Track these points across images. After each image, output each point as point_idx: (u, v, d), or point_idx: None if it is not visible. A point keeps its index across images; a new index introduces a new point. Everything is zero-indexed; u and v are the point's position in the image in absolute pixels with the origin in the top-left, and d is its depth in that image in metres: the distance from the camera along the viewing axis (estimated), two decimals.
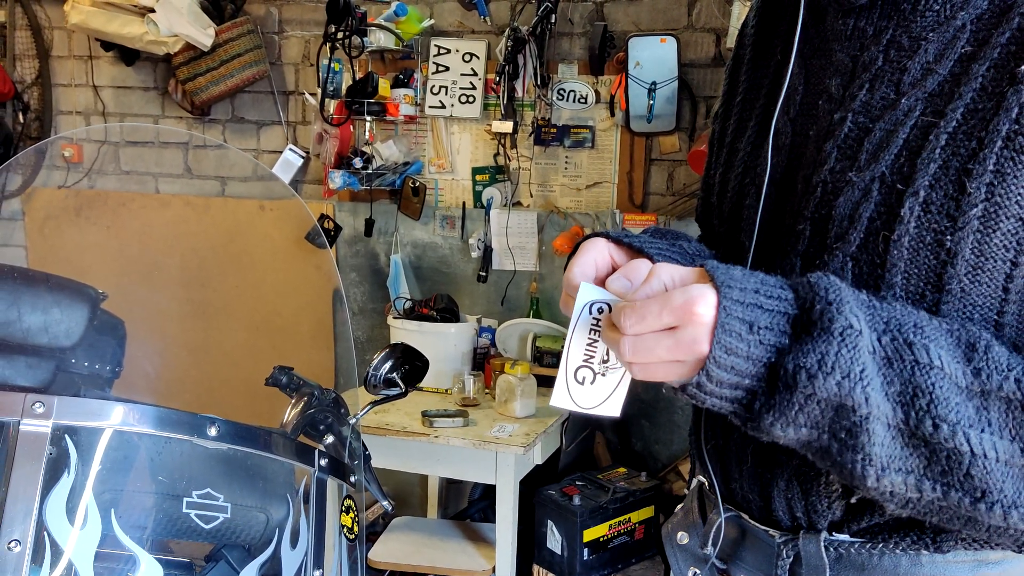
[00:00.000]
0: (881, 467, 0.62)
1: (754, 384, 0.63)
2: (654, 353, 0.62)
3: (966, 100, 0.68)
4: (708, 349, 0.61)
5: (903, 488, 0.63)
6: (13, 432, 0.81)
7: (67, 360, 1.24)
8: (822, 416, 0.62)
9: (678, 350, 0.62)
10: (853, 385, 0.60)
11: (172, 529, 0.94)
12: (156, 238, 3.40)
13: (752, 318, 0.62)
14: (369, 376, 1.36)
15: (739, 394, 0.63)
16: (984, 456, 0.61)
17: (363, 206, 3.22)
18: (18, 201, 3.59)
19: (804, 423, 0.62)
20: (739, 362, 0.61)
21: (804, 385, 0.60)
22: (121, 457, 0.87)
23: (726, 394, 0.63)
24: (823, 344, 0.60)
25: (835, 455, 0.63)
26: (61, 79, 3.53)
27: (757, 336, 0.62)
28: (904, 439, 0.62)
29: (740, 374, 0.62)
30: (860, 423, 0.61)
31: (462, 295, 3.11)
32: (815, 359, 0.60)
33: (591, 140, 2.96)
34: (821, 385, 0.60)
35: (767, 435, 0.64)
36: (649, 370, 0.64)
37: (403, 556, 2.56)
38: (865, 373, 0.60)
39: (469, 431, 2.44)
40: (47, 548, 0.80)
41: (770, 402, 0.62)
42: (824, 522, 0.78)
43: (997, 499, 0.62)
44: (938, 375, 0.61)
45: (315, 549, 1.05)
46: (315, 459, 1.07)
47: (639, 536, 2.57)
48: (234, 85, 3.18)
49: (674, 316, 0.61)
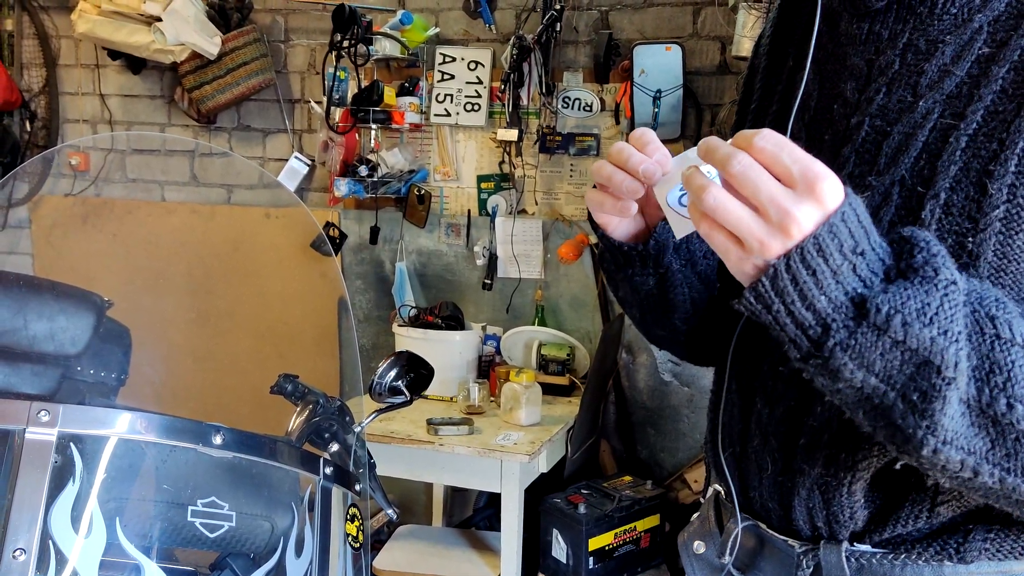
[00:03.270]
0: (943, 440, 0.58)
1: (829, 313, 0.57)
2: (753, 187, 0.56)
3: (986, 102, 0.67)
4: (802, 237, 0.56)
5: (957, 467, 0.60)
6: (18, 440, 0.81)
7: (73, 368, 1.24)
8: (901, 369, 0.57)
9: (774, 210, 0.56)
10: (948, 344, 0.55)
11: (177, 538, 0.93)
12: (162, 246, 3.41)
13: (859, 239, 0.57)
14: (374, 384, 1.35)
15: (808, 318, 0.58)
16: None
17: (368, 214, 3.22)
18: (25, 209, 3.60)
19: (879, 372, 0.57)
20: (827, 276, 0.56)
21: (896, 331, 0.55)
22: (126, 465, 0.87)
23: (796, 310, 0.57)
24: (925, 293, 0.56)
25: (897, 416, 0.58)
26: (68, 87, 3.54)
27: (856, 259, 0.57)
28: (972, 417, 0.58)
29: (822, 290, 0.56)
30: (940, 387, 0.56)
31: (467, 303, 3.11)
32: (915, 306, 0.55)
33: (596, 148, 2.96)
34: (915, 335, 0.55)
35: (824, 376, 0.59)
36: (721, 212, 0.57)
37: (408, 565, 2.56)
38: (961, 335, 0.56)
39: (474, 439, 2.43)
40: (52, 557, 0.79)
41: (850, 340, 0.57)
42: (845, 532, 0.77)
43: None
44: (1019, 353, 0.57)
45: (320, 558, 1.04)
46: (320, 467, 1.07)
47: (645, 545, 2.55)
48: (240, 93, 3.19)
49: (799, 171, 0.56)
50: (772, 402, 0.80)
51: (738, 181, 0.57)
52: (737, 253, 0.59)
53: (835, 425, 0.74)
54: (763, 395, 0.81)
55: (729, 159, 0.58)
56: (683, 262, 0.83)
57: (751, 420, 0.82)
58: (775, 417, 0.79)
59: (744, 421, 0.83)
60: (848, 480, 0.74)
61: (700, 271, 0.86)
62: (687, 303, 0.87)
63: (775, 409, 0.79)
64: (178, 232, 3.43)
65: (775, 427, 0.79)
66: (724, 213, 0.58)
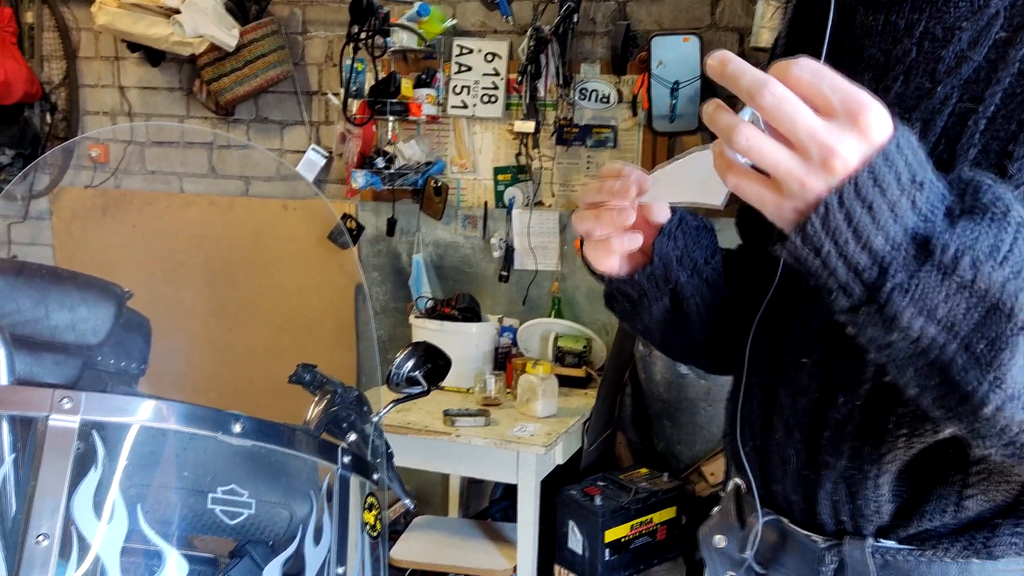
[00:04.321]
0: (1010, 395, 0.53)
1: (888, 252, 0.51)
2: (790, 121, 0.51)
3: (1004, 84, 0.66)
4: (846, 175, 0.50)
5: (1017, 428, 0.55)
6: (41, 427, 0.82)
7: (93, 358, 1.25)
8: (967, 316, 0.52)
9: (815, 147, 0.51)
10: (1022, 287, 0.50)
11: (197, 525, 0.94)
12: (181, 237, 3.43)
13: (917, 171, 0.51)
14: (392, 374, 1.36)
15: (863, 259, 0.52)
16: None
17: (385, 206, 3.23)
18: (46, 200, 3.64)
19: (941, 319, 0.52)
20: (884, 212, 0.51)
21: (964, 271, 0.51)
22: (147, 452, 0.88)
23: (850, 251, 0.52)
24: (997, 232, 0.51)
25: (956, 371, 0.53)
26: (88, 80, 3.57)
27: (915, 192, 0.51)
28: None
29: (879, 227, 0.51)
30: (1010, 335, 0.51)
31: (484, 295, 3.11)
32: (986, 245, 0.50)
33: (613, 140, 2.95)
34: (986, 276, 0.51)
35: (877, 326, 0.54)
36: (756, 152, 0.52)
37: (424, 555, 2.57)
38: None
39: (491, 430, 2.44)
40: (75, 542, 0.80)
41: (911, 283, 0.51)
42: (871, 527, 0.75)
43: None
44: None
45: (338, 546, 1.05)
46: (338, 456, 1.07)
47: (661, 537, 2.55)
48: (258, 85, 3.20)
49: (840, 101, 0.51)
50: (795, 394, 0.79)
51: (772, 114, 0.52)
52: (774, 199, 0.54)
53: (859, 417, 0.73)
54: (786, 387, 0.80)
55: (761, 89, 0.52)
56: (689, 272, 0.83)
57: (773, 413, 0.81)
58: (798, 409, 0.78)
59: (766, 414, 0.82)
60: (874, 473, 0.73)
61: (707, 278, 0.85)
62: (702, 312, 0.86)
63: (798, 401, 0.78)
64: (197, 224, 3.45)
65: (798, 420, 0.78)
66: (759, 153, 0.52)
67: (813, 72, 0.52)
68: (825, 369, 0.75)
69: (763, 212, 0.55)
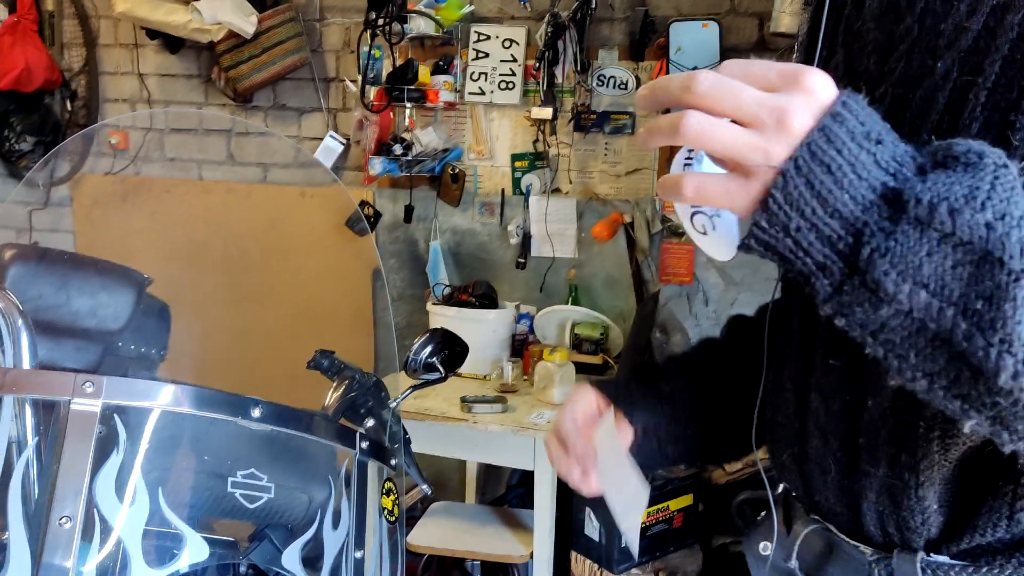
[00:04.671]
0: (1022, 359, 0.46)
1: (859, 216, 0.48)
2: (732, 95, 0.48)
3: (1003, 52, 0.61)
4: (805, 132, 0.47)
5: None
6: (64, 411, 0.83)
7: (114, 343, 1.27)
8: (955, 272, 0.47)
9: (765, 110, 0.48)
10: (1008, 229, 0.46)
11: (217, 508, 0.95)
12: (199, 224, 3.45)
13: (872, 126, 0.49)
14: (409, 360, 1.36)
15: (835, 227, 0.48)
16: None
17: (403, 193, 3.23)
18: (67, 187, 3.66)
19: (928, 279, 0.47)
20: (845, 170, 0.47)
21: (943, 221, 0.46)
22: (168, 436, 0.89)
23: (819, 219, 0.48)
24: (972, 176, 0.47)
25: (960, 340, 0.47)
26: (107, 67, 3.59)
27: (875, 147, 0.48)
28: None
29: (843, 187, 0.47)
30: (1007, 285, 0.46)
31: (501, 282, 3.11)
32: (962, 191, 0.46)
33: (631, 126, 2.93)
34: (966, 223, 0.46)
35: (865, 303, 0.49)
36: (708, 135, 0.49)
37: (441, 541, 2.58)
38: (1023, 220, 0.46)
39: (508, 417, 2.44)
40: (97, 525, 0.81)
41: (888, 243, 0.47)
42: (919, 540, 0.71)
43: None
44: None
45: (356, 530, 1.06)
46: (356, 442, 1.08)
47: (678, 524, 2.55)
48: (276, 72, 3.21)
49: (776, 72, 0.49)
50: (827, 397, 0.75)
51: (712, 95, 0.49)
52: (739, 185, 0.50)
53: (891, 420, 0.69)
54: (817, 391, 0.76)
55: (693, 78, 0.49)
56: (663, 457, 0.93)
57: (807, 419, 0.77)
58: (832, 414, 0.74)
59: (800, 420, 0.78)
60: (914, 483, 0.69)
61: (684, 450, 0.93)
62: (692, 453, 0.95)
63: (831, 405, 0.74)
64: (215, 211, 3.47)
65: (833, 425, 0.74)
66: (712, 135, 0.49)
67: (742, 63, 0.50)
68: (852, 371, 0.71)
69: (733, 209, 0.52)
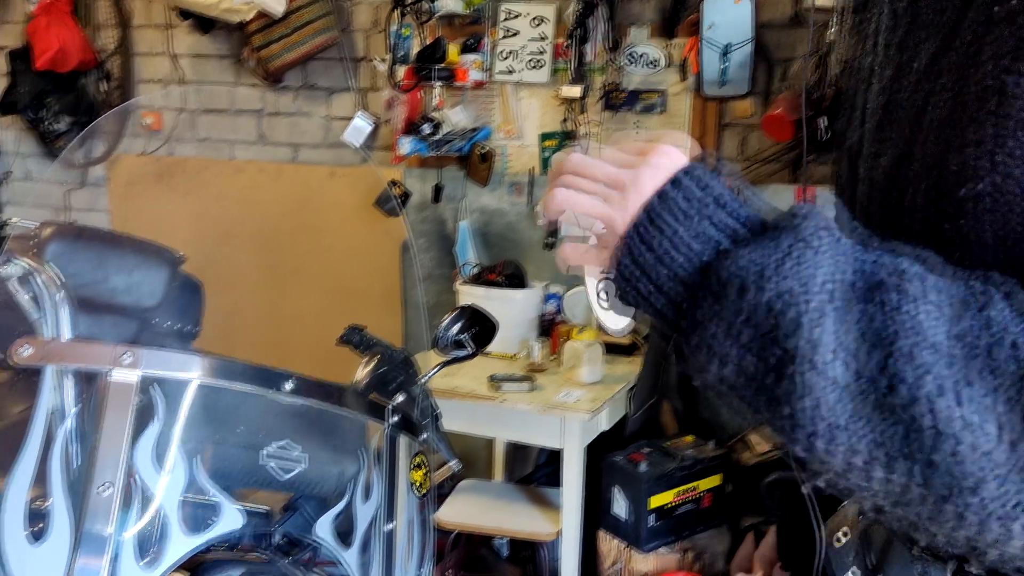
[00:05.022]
0: (832, 425, 0.47)
1: (696, 279, 0.51)
2: (590, 170, 0.56)
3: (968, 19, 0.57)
4: (644, 202, 0.53)
5: (852, 462, 0.48)
6: (103, 382, 0.85)
7: (149, 320, 1.29)
8: (748, 347, 0.49)
9: (613, 182, 0.55)
10: (785, 307, 0.47)
11: (251, 479, 0.97)
12: (231, 203, 3.49)
13: (713, 191, 0.52)
14: (439, 337, 1.37)
15: (677, 289, 0.52)
16: (969, 435, 0.45)
17: (431, 172, 3.23)
18: (102, 167, 3.72)
19: (728, 350, 0.50)
20: (682, 231, 0.51)
21: (732, 298, 0.49)
22: (203, 408, 0.90)
23: (663, 278, 0.52)
24: (786, 241, 0.49)
25: (764, 413, 0.51)
26: (141, 48, 3.62)
27: (715, 212, 0.52)
28: (860, 401, 0.47)
29: (681, 250, 0.51)
30: (784, 364, 0.48)
31: (529, 262, 3.11)
32: (776, 257, 0.48)
33: (662, 105, 2.91)
34: (750, 300, 0.48)
35: (704, 363, 0.51)
36: (569, 201, 0.58)
37: (470, 517, 2.61)
38: (810, 303, 0.47)
39: (536, 396, 2.45)
40: (136, 492, 0.83)
41: (714, 308, 0.50)
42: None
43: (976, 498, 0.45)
44: (910, 324, 0.46)
45: (387, 503, 1.07)
46: (386, 416, 1.09)
47: (706, 504, 2.55)
48: (306, 52, 3.22)
49: (630, 150, 0.56)
50: None
51: (578, 169, 0.57)
52: (605, 254, 0.57)
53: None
54: None
55: (566, 160, 0.58)
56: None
57: None
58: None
59: None
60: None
61: None
62: None
63: None
64: (247, 190, 3.50)
65: None
66: (574, 204, 0.57)
67: (613, 148, 0.57)
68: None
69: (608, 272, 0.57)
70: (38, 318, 0.89)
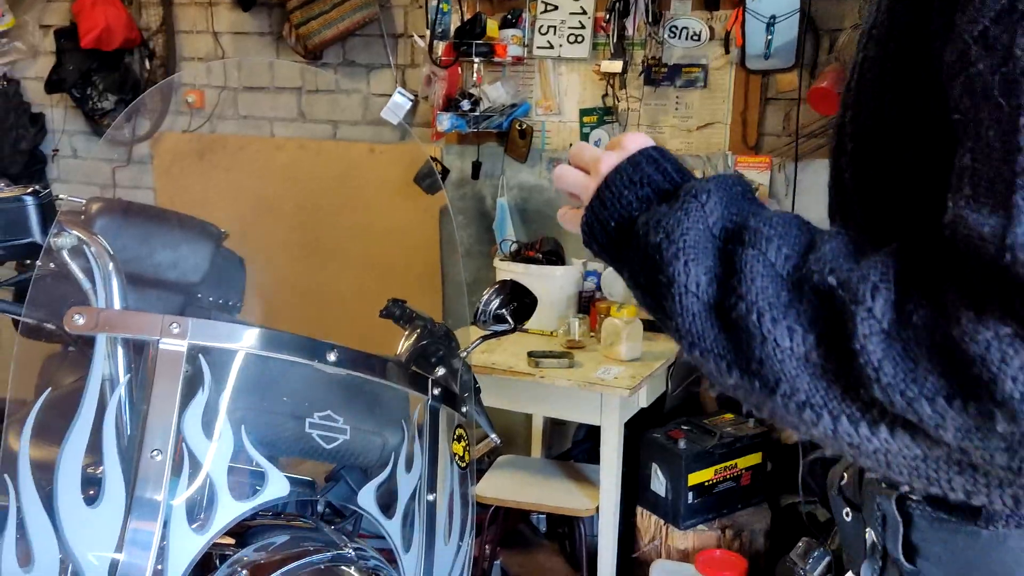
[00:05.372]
0: (697, 335, 0.62)
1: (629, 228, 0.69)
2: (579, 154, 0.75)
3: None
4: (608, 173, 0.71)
5: (714, 369, 0.62)
6: (152, 351, 0.86)
7: (193, 294, 1.31)
8: (649, 273, 0.65)
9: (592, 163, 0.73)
10: (663, 251, 0.63)
11: (296, 448, 0.98)
12: (272, 180, 3.51)
13: (645, 172, 0.70)
14: (479, 312, 1.37)
15: (616, 237, 0.70)
16: (776, 344, 0.58)
17: (470, 149, 3.23)
18: (147, 145, 3.77)
19: (646, 273, 0.65)
20: (627, 193, 0.70)
21: (640, 239, 0.66)
22: (249, 377, 0.92)
23: (610, 228, 0.70)
24: (683, 199, 0.65)
25: (669, 317, 0.64)
26: (183, 26, 3.66)
27: (641, 190, 0.70)
28: (713, 317, 0.61)
29: (623, 206, 0.70)
30: (662, 288, 0.63)
31: (567, 238, 3.09)
32: (670, 211, 0.64)
33: (703, 79, 2.87)
34: (659, 233, 0.64)
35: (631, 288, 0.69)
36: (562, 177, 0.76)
37: (508, 492, 2.62)
38: (686, 241, 0.63)
39: (575, 372, 2.45)
40: (185, 459, 0.85)
41: (630, 250, 0.68)
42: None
43: (790, 392, 0.58)
44: (755, 256, 0.60)
45: (429, 474, 1.08)
46: (428, 388, 1.10)
47: (746, 482, 2.54)
48: (345, 28, 3.22)
49: (613, 140, 0.74)
50: None
51: (572, 155, 0.77)
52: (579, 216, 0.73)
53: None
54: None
55: (571, 150, 0.78)
56: None
57: None
58: None
59: None
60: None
61: None
62: None
63: None
64: (287, 167, 3.53)
65: None
66: (563, 178, 0.76)
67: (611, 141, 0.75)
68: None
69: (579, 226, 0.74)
70: (90, 288, 0.91)
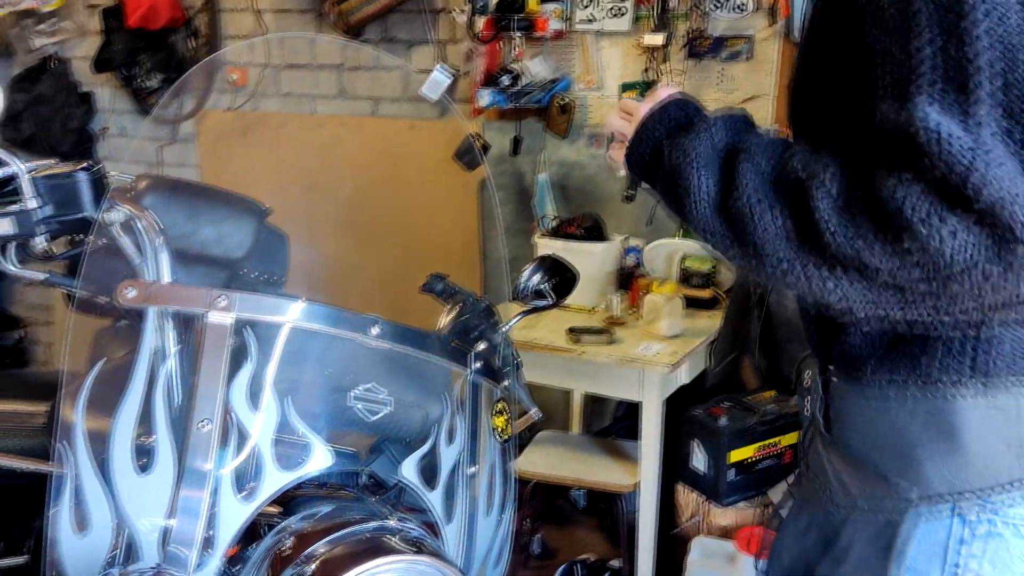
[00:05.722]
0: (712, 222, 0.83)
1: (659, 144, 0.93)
2: (625, 105, 0.99)
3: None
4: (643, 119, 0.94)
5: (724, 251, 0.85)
6: (200, 324, 0.88)
7: (238, 270, 1.33)
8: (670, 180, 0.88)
9: (633, 111, 0.96)
10: (682, 165, 0.85)
11: (339, 420, 1.00)
12: (314, 156, 3.54)
13: (671, 112, 0.93)
14: (519, 287, 1.38)
15: (651, 160, 0.93)
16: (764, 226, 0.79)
17: (510, 124, 3.21)
18: (192, 123, 3.82)
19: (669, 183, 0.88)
20: (659, 127, 0.92)
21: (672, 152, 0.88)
22: (294, 350, 0.93)
23: (645, 153, 0.93)
24: (697, 128, 0.87)
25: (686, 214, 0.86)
26: (226, 4, 3.68)
27: (669, 126, 0.93)
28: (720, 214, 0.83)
29: (656, 136, 0.92)
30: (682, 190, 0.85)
31: (608, 215, 3.08)
32: (687, 136, 0.87)
33: (748, 52, 2.81)
34: (678, 153, 0.86)
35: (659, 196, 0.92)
36: (610, 123, 1.02)
37: (548, 467, 2.64)
38: (699, 158, 0.84)
39: (615, 349, 2.45)
40: (232, 430, 0.87)
41: (658, 168, 0.91)
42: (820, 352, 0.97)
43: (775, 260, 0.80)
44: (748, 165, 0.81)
45: (470, 447, 1.09)
46: (469, 362, 1.10)
47: (787, 460, 2.52)
48: (385, 4, 3.22)
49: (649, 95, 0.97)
50: None
51: (619, 107, 1.02)
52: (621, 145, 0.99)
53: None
54: None
55: (619, 103, 1.05)
56: None
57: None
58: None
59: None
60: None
61: None
62: None
63: None
64: (328, 144, 3.55)
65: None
66: (611, 122, 1.01)
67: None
68: None
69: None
70: (140, 263, 0.93)
